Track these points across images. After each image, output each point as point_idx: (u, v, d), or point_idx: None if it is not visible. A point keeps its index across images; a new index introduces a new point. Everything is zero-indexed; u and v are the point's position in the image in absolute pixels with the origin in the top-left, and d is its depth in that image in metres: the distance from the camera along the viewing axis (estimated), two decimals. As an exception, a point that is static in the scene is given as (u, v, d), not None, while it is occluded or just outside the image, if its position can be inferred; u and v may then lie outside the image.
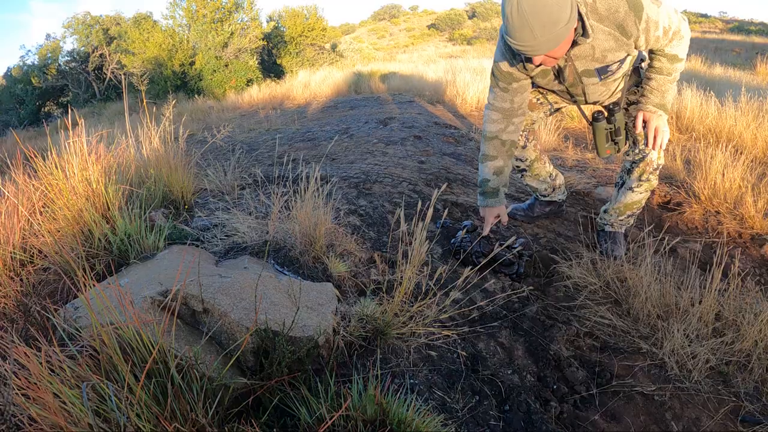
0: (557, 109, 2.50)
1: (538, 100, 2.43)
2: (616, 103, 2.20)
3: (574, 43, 1.85)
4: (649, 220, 2.83)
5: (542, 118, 2.50)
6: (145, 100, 3.44)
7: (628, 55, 1.97)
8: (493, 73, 2.18)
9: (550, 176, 2.65)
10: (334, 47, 19.50)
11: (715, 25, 33.99)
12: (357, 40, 29.65)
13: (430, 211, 1.77)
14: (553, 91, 2.36)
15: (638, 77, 2.26)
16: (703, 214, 2.89)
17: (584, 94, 2.20)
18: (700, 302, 1.86)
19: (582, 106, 2.35)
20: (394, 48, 33.47)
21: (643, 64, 2.23)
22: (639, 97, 2.17)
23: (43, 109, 18.09)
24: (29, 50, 19.58)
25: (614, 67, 2.01)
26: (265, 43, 16.66)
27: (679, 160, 3.49)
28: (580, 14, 1.78)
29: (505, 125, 2.24)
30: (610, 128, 2.22)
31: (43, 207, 2.25)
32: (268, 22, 18.30)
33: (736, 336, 1.76)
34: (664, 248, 2.11)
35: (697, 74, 8.57)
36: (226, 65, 14.76)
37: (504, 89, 2.17)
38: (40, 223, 2.10)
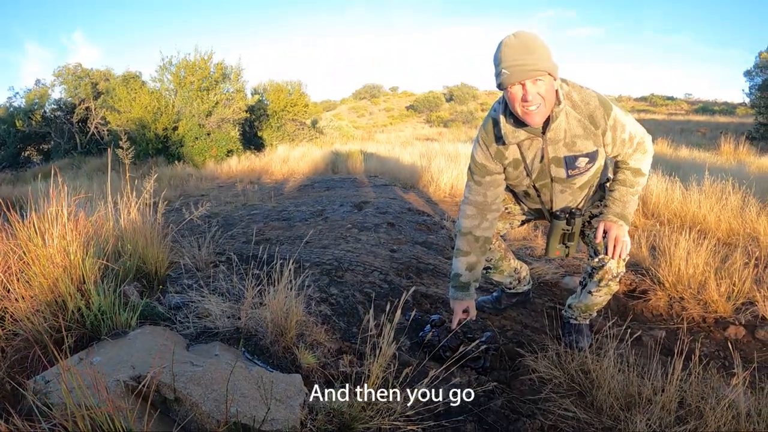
0: (524, 222, 2.66)
1: (507, 209, 2.59)
2: (578, 208, 2.36)
3: (548, 123, 2.02)
4: (615, 308, 2.91)
5: (508, 228, 2.66)
6: (128, 174, 3.51)
7: (597, 150, 2.12)
8: (469, 168, 2.34)
9: (515, 270, 2.78)
10: (314, 123, 20.08)
11: (681, 106, 36.25)
12: (337, 117, 30.62)
13: (399, 312, 1.85)
14: (521, 201, 2.53)
15: (602, 193, 2.44)
16: (668, 301, 2.96)
17: (551, 201, 2.36)
18: (663, 390, 1.88)
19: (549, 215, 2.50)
20: (373, 127, 34.55)
21: (608, 185, 2.41)
22: (602, 208, 2.32)
23: (23, 153, 17.97)
24: (17, 92, 19.67)
25: (581, 163, 2.14)
26: (248, 114, 17.09)
27: (645, 248, 3.57)
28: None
29: (479, 221, 2.36)
30: (568, 230, 2.36)
31: (19, 271, 2.25)
32: (252, 94, 18.87)
33: (698, 423, 1.77)
34: (628, 338, 2.15)
35: (663, 158, 8.91)
36: (209, 134, 15.02)
37: (478, 182, 2.31)
38: (16, 288, 2.10)
